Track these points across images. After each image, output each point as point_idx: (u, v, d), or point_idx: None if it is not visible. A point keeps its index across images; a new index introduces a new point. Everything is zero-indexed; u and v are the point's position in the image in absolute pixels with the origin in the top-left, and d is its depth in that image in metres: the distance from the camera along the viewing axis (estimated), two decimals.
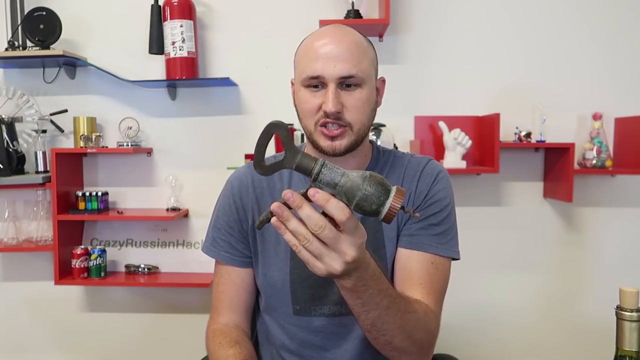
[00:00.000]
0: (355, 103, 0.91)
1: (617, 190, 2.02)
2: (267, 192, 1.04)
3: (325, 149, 0.93)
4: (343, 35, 0.93)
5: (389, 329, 0.82)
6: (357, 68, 0.90)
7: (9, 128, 1.97)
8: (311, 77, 0.91)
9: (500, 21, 2.00)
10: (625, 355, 0.70)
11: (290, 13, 2.01)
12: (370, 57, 0.95)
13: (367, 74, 0.92)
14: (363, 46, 0.94)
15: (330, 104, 0.89)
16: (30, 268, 2.11)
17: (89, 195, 1.95)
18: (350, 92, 0.91)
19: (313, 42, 0.93)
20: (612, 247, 2.03)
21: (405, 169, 1.02)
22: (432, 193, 0.99)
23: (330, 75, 0.89)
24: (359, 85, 0.91)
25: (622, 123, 1.95)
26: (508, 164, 1.99)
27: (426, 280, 0.95)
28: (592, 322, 2.02)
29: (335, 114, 0.90)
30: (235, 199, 1.05)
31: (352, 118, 0.91)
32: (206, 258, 1.08)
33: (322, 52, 0.90)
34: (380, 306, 0.78)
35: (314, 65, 0.90)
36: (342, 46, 0.90)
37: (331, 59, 0.89)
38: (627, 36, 1.97)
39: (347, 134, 0.92)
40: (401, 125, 2.00)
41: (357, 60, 0.90)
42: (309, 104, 0.93)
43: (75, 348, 2.15)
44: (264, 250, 1.03)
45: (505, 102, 1.97)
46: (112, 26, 2.04)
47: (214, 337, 1.02)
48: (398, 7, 1.99)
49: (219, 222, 1.06)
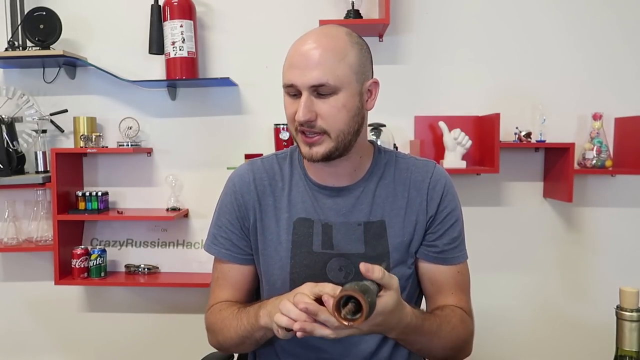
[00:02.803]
0: (330, 110, 0.91)
1: (617, 190, 2.02)
2: (269, 190, 1.04)
3: (304, 155, 0.95)
4: (320, 40, 0.91)
5: (434, 349, 0.96)
6: (328, 75, 0.89)
7: (9, 128, 1.97)
8: (287, 86, 0.93)
9: (500, 21, 2.00)
10: (625, 355, 0.70)
11: (290, 13, 2.01)
12: (350, 62, 0.91)
13: (343, 80, 0.90)
14: (341, 52, 0.91)
15: (301, 113, 0.90)
16: (30, 268, 2.11)
17: (89, 195, 1.95)
18: (324, 99, 0.91)
19: (293, 48, 0.94)
20: (612, 247, 2.03)
21: (412, 174, 1.04)
22: (445, 203, 1.03)
23: (302, 83, 0.90)
24: (333, 92, 0.90)
25: (622, 123, 1.95)
26: (508, 164, 1.99)
27: (456, 289, 1.03)
28: (592, 322, 2.02)
29: (307, 122, 0.91)
30: (237, 197, 1.05)
31: (328, 125, 0.91)
32: (206, 258, 1.08)
33: (295, 61, 0.92)
34: (424, 341, 0.93)
35: (288, 73, 0.92)
36: (316, 54, 0.90)
37: (302, 67, 0.90)
38: (627, 36, 1.97)
39: (324, 141, 0.93)
40: (401, 125, 2.00)
41: (330, 67, 0.89)
42: (288, 110, 0.95)
43: (75, 348, 2.15)
44: (265, 249, 1.03)
45: (505, 102, 1.97)
46: (112, 26, 2.04)
47: (212, 312, 1.04)
48: (398, 7, 1.99)
49: (220, 220, 1.07)
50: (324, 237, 0.99)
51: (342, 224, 1.00)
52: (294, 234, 1.00)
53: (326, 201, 1.01)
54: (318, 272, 0.98)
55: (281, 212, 1.02)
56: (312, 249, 0.99)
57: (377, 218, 1.00)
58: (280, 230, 1.01)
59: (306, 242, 1.00)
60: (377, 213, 1.01)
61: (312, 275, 0.98)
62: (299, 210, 1.01)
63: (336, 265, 0.98)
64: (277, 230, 1.02)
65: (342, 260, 0.99)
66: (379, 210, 1.01)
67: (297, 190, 1.03)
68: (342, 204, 1.01)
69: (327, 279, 0.98)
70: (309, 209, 1.01)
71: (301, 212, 1.01)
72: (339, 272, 0.98)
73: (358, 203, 1.01)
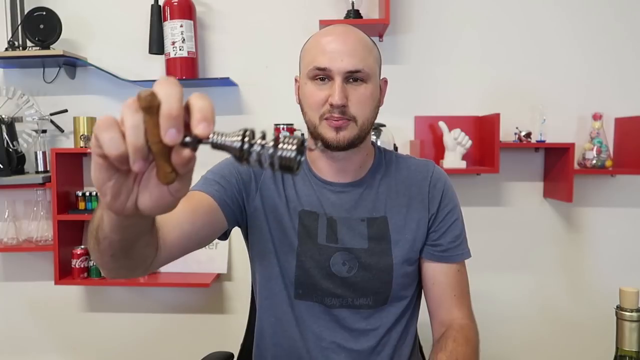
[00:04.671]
0: (360, 97, 0.94)
1: (617, 190, 2.02)
2: (274, 177, 1.04)
3: (330, 140, 0.94)
4: (349, 33, 0.96)
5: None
6: (363, 63, 0.93)
7: (9, 128, 1.97)
8: (318, 69, 0.93)
9: (501, 21, 2.00)
10: (625, 355, 0.70)
11: (290, 13, 2.01)
12: (375, 56, 0.98)
13: (372, 71, 0.95)
14: (369, 44, 0.97)
15: (337, 97, 0.91)
16: (30, 268, 2.11)
17: (89, 195, 1.95)
18: (356, 86, 0.94)
19: (320, 38, 0.96)
20: (612, 247, 2.03)
21: (412, 173, 1.05)
22: (445, 201, 1.04)
23: (338, 68, 0.92)
24: (364, 80, 0.94)
25: (622, 123, 1.95)
26: (508, 164, 1.99)
27: (458, 290, 1.03)
28: (592, 322, 2.02)
29: (341, 107, 0.92)
30: (240, 171, 1.03)
31: (357, 112, 0.94)
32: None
33: (329, 47, 0.93)
34: None
35: (321, 58, 0.93)
36: (349, 42, 0.94)
37: (338, 53, 0.92)
38: (627, 36, 1.97)
39: (350, 127, 0.94)
40: (401, 125, 2.00)
41: (363, 56, 0.93)
42: (314, 97, 0.95)
43: (75, 348, 2.15)
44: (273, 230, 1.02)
45: (505, 102, 1.97)
46: (112, 26, 2.04)
47: None
48: (398, 7, 1.99)
49: (214, 172, 1.02)
50: (329, 231, 1.00)
51: (346, 219, 1.01)
52: (299, 224, 1.01)
53: (330, 196, 1.02)
54: (322, 264, 0.99)
55: (289, 202, 1.02)
56: (317, 241, 1.00)
57: (380, 214, 1.01)
58: (291, 217, 1.01)
59: (312, 234, 1.00)
60: (379, 209, 1.02)
61: (317, 267, 0.99)
62: (304, 203, 1.02)
63: (340, 260, 0.99)
64: (288, 216, 1.01)
65: (345, 254, 0.99)
66: (381, 206, 1.02)
67: (302, 184, 1.04)
68: (346, 200, 1.02)
69: (331, 271, 0.99)
70: (314, 202, 1.02)
71: (306, 205, 1.02)
72: (342, 266, 0.99)
73: (361, 199, 1.02)
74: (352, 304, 1.00)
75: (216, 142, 0.45)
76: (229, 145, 0.45)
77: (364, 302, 1.00)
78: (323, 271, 0.99)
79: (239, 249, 1.99)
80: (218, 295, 2.07)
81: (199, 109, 0.44)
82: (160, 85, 0.43)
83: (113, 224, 0.54)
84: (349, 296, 0.99)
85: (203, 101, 0.44)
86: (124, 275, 0.71)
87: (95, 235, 0.60)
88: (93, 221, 0.61)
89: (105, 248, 0.60)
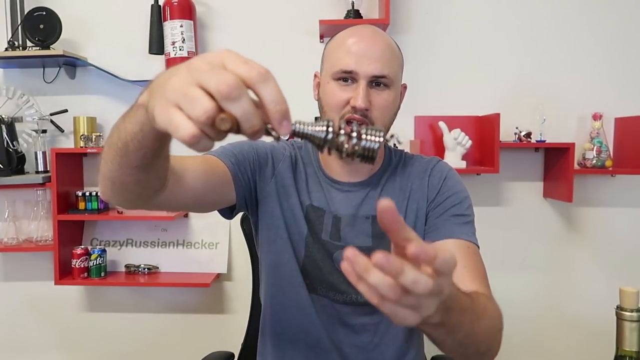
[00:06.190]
0: (382, 103, 0.94)
1: (617, 190, 2.02)
2: (292, 168, 1.03)
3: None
4: (377, 36, 0.96)
5: (477, 336, 0.73)
6: (388, 69, 0.93)
7: (9, 128, 1.97)
8: (344, 71, 0.93)
9: (501, 21, 2.00)
10: (625, 355, 0.70)
11: (290, 13, 2.01)
12: (399, 61, 0.98)
13: (396, 76, 0.95)
14: (395, 50, 0.97)
15: (360, 100, 0.91)
16: (30, 268, 2.11)
17: (89, 195, 1.95)
18: (379, 91, 0.94)
19: (347, 38, 0.95)
20: (612, 247, 2.03)
21: (414, 168, 1.05)
22: (445, 188, 1.02)
23: (364, 72, 0.92)
24: (387, 85, 0.94)
25: (622, 123, 1.95)
26: (508, 164, 1.99)
27: (470, 264, 0.91)
28: (592, 322, 2.02)
29: (363, 111, 0.92)
30: (259, 152, 1.02)
31: (377, 117, 0.93)
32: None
33: (356, 49, 0.93)
34: (466, 321, 0.65)
35: (347, 60, 0.93)
36: (377, 46, 0.93)
37: (365, 56, 0.92)
38: (627, 36, 1.97)
39: None
40: (401, 125, 2.00)
41: (389, 62, 0.93)
42: (336, 98, 0.94)
43: (75, 348, 2.15)
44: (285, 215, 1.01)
45: (505, 102, 1.97)
46: (112, 26, 2.04)
47: None
48: (398, 7, 1.99)
49: (234, 145, 1.01)
50: (333, 229, 1.00)
51: (351, 216, 1.01)
52: (306, 218, 1.01)
53: (337, 195, 1.02)
54: (325, 260, 0.99)
55: (300, 194, 1.02)
56: (322, 237, 1.00)
57: None
58: (302, 209, 1.01)
59: (317, 230, 1.00)
60: None
61: (320, 263, 0.99)
62: (313, 198, 1.02)
63: (342, 257, 0.99)
64: (299, 206, 1.01)
65: None
66: None
67: (312, 180, 1.04)
68: (353, 198, 1.02)
69: (334, 268, 0.99)
70: (322, 199, 1.02)
71: (315, 201, 1.02)
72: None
73: (367, 197, 1.02)
74: (356, 301, 1.00)
75: (299, 131, 0.48)
76: (312, 134, 0.48)
77: (367, 300, 1.00)
78: (327, 267, 0.99)
79: (239, 249, 1.99)
80: (218, 295, 2.07)
81: (273, 103, 0.46)
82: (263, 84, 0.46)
83: (156, 132, 0.57)
84: (352, 293, 0.99)
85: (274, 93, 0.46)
86: (128, 201, 0.74)
87: (125, 147, 0.63)
88: (121, 132, 0.64)
89: (134, 159, 0.63)
